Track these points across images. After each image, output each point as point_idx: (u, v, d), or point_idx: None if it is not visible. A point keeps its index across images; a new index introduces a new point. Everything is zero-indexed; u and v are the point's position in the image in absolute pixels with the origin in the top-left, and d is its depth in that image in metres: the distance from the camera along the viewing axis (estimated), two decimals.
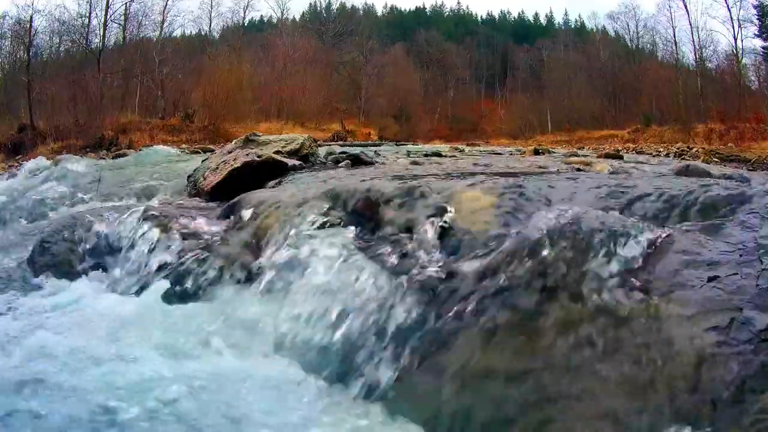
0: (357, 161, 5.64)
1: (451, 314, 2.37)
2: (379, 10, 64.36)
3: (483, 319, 2.30)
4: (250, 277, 3.16)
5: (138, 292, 3.29)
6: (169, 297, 3.13)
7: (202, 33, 42.88)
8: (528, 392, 2.02)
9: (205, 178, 5.00)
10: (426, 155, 8.08)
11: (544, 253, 2.39)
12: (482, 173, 4.37)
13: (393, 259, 2.76)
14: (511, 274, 2.38)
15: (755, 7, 30.05)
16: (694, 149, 14.09)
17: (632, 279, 2.20)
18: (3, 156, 15.23)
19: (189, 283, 3.20)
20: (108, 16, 27.54)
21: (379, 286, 2.59)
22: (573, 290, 2.23)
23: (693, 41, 33.79)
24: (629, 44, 43.20)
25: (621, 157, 8.81)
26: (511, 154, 9.33)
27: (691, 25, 33.69)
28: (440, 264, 2.63)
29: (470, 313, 2.34)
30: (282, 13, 48.02)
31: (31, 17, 23.80)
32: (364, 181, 3.86)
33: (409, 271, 2.62)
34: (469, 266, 2.53)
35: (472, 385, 2.13)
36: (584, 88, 41.99)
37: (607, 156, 8.84)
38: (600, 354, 2.00)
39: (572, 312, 2.16)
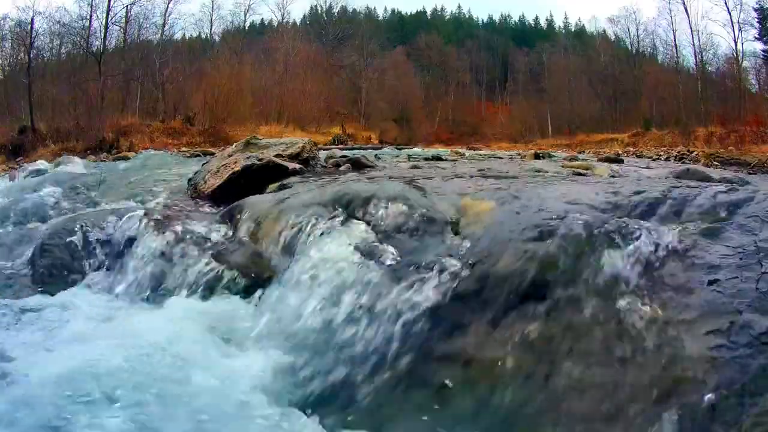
0: (357, 165, 5.64)
1: (452, 315, 2.38)
2: (380, 13, 64.44)
3: (483, 320, 2.30)
4: (250, 282, 3.16)
5: (138, 296, 3.29)
6: (169, 300, 3.13)
7: (203, 36, 42.99)
8: (529, 392, 2.02)
9: (205, 182, 4.99)
10: (427, 159, 8.08)
11: (544, 257, 2.39)
12: (483, 177, 4.37)
13: (396, 262, 2.76)
14: (511, 278, 2.38)
15: (755, 10, 30.09)
16: (695, 152, 14.08)
17: (633, 282, 2.21)
18: (3, 158, 15.21)
19: (190, 287, 3.21)
20: (109, 19, 27.54)
21: (383, 286, 2.60)
22: (573, 293, 2.23)
23: (693, 45, 33.81)
24: (630, 48, 43.21)
25: (621, 161, 8.81)
26: (511, 158, 9.33)
27: (691, 28, 33.70)
28: (442, 266, 2.62)
29: (472, 315, 2.34)
30: (282, 16, 48.09)
31: (32, 19, 23.76)
32: (365, 183, 3.86)
33: (411, 272, 2.62)
34: (470, 269, 2.53)
35: (473, 385, 2.13)
36: (585, 92, 42.01)
37: (608, 159, 8.84)
38: (601, 356, 2.00)
39: (572, 314, 2.17)
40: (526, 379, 2.07)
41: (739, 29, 30.47)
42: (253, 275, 3.17)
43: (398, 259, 2.77)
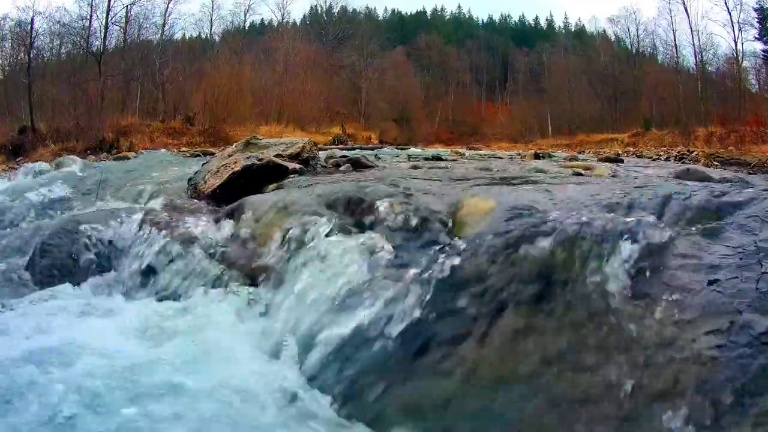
0: (357, 165, 5.64)
1: (452, 314, 2.38)
2: (380, 13, 64.45)
3: (484, 321, 2.30)
4: (249, 281, 3.16)
5: (138, 296, 3.29)
6: (170, 300, 3.14)
7: (203, 36, 43.00)
8: (529, 394, 2.02)
9: (205, 182, 5.00)
10: (427, 159, 8.09)
11: (545, 256, 2.39)
12: (483, 177, 4.37)
13: (396, 261, 2.76)
14: (512, 278, 2.38)
15: (755, 10, 30.10)
16: (695, 152, 14.08)
17: (633, 282, 2.21)
18: (3, 158, 15.19)
19: (190, 287, 3.21)
20: (109, 19, 27.54)
21: (381, 285, 2.60)
22: (574, 293, 2.23)
23: (693, 45, 33.83)
24: (630, 48, 43.22)
25: (621, 161, 8.83)
26: (511, 158, 9.34)
27: (691, 28, 33.73)
28: (443, 266, 2.62)
29: (472, 314, 2.34)
30: (282, 16, 48.11)
31: (32, 19, 23.74)
32: (364, 184, 3.86)
33: (408, 272, 2.62)
34: (471, 269, 2.53)
35: (472, 386, 2.13)
36: (585, 92, 42.03)
37: (608, 159, 8.86)
38: (601, 356, 2.00)
39: (573, 315, 2.17)
40: (524, 380, 2.07)
41: (739, 29, 30.50)
42: (252, 275, 3.17)
43: (395, 259, 2.77)
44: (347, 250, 2.88)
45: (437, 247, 2.78)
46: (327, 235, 3.08)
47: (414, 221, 3.00)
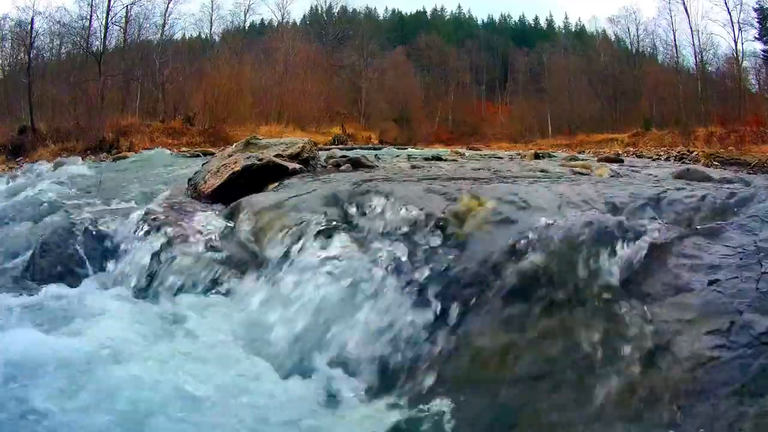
0: (357, 165, 5.63)
1: (449, 315, 2.38)
2: (380, 13, 64.42)
3: (481, 322, 2.30)
4: (248, 281, 3.16)
5: (139, 295, 3.29)
6: (169, 299, 3.13)
7: (203, 36, 43.02)
8: (527, 395, 2.01)
9: (205, 182, 4.99)
10: (426, 159, 8.08)
11: (544, 256, 2.39)
12: (483, 177, 4.37)
13: (392, 261, 2.75)
14: (510, 278, 2.38)
15: (755, 10, 30.12)
16: (695, 152, 14.08)
17: (632, 282, 2.21)
18: (3, 158, 15.22)
19: (188, 286, 3.21)
20: (109, 19, 27.57)
21: (377, 284, 2.60)
22: (573, 293, 2.23)
23: (693, 45, 33.86)
24: (630, 48, 43.22)
25: (621, 161, 8.82)
26: (511, 158, 9.33)
27: (691, 28, 33.76)
28: (440, 266, 2.62)
29: (468, 315, 2.34)
30: (282, 16, 48.13)
31: (32, 19, 23.82)
32: (364, 184, 3.86)
33: (408, 271, 2.62)
34: (468, 267, 2.53)
35: (467, 388, 2.13)
36: (585, 92, 42.02)
37: (608, 159, 8.84)
38: (601, 357, 2.00)
39: (572, 315, 2.17)
40: (522, 382, 2.07)
41: (739, 29, 30.52)
42: (250, 274, 3.17)
43: (392, 257, 2.76)
44: (342, 250, 2.88)
45: (432, 247, 2.78)
46: (323, 235, 3.08)
47: (411, 221, 3.00)
